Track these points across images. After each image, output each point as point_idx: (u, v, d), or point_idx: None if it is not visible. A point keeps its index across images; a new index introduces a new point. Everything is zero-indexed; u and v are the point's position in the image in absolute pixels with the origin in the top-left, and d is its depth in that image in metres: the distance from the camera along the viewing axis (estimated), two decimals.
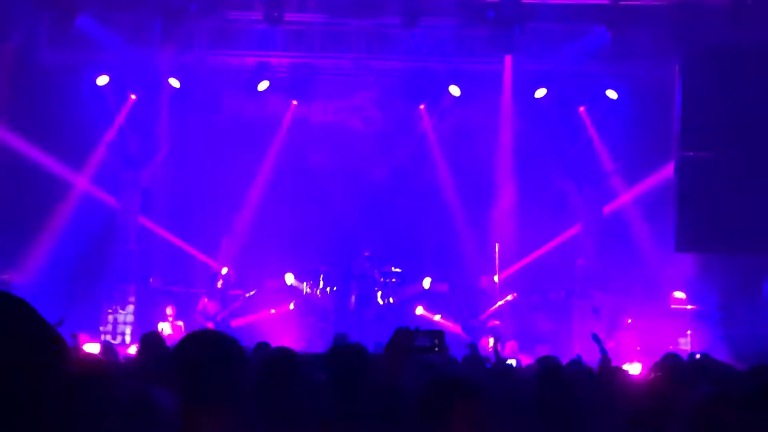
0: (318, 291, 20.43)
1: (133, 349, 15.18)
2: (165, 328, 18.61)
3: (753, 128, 18.56)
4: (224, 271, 20.70)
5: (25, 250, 19.95)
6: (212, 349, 3.59)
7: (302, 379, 5.33)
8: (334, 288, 20.30)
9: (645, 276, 19.71)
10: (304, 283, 20.56)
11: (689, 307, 19.27)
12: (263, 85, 21.15)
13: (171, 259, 21.59)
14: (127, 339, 19.98)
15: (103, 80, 20.56)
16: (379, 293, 20.38)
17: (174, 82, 20.84)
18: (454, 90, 20.96)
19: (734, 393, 4.77)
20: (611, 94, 20.62)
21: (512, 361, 11.78)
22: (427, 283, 20.70)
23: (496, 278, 20.32)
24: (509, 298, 20.05)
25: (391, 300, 20.36)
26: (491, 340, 16.76)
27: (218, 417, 3.48)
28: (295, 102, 21.75)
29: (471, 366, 9.85)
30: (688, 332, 18.90)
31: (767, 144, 18.68)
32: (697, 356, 12.22)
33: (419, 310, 20.42)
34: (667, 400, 6.51)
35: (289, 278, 20.60)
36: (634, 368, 13.58)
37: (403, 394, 5.21)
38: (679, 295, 19.46)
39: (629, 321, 19.53)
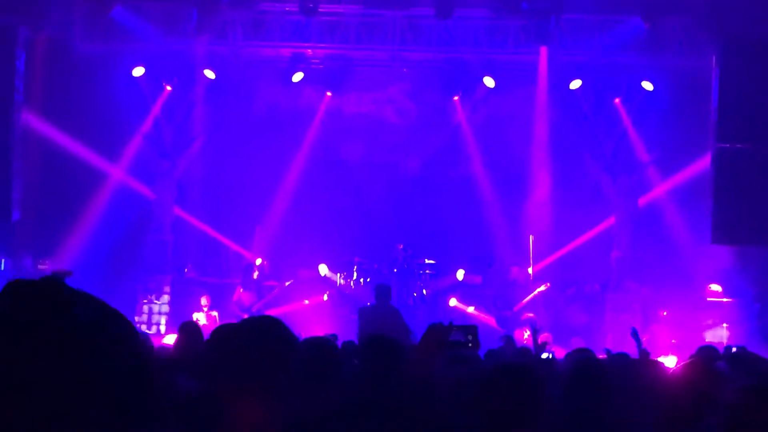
0: (351, 282, 20.45)
1: (169, 339, 15.28)
2: (200, 318, 18.69)
3: None
4: (258, 261, 20.76)
5: (61, 240, 20.10)
6: (270, 334, 3.59)
7: (340, 367, 5.34)
8: (368, 279, 20.31)
9: (680, 268, 19.59)
10: (338, 274, 20.59)
11: (725, 299, 19.15)
12: (298, 77, 21.18)
13: (206, 249, 21.71)
14: (162, 329, 20.10)
15: (138, 71, 20.66)
16: (415, 285, 20.38)
17: (209, 74, 20.91)
18: (489, 81, 20.91)
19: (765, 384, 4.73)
20: (647, 85, 20.50)
21: (547, 355, 11.73)
22: (460, 274, 20.69)
23: (530, 270, 20.27)
24: (542, 288, 20.00)
25: (424, 292, 20.36)
26: (526, 333, 16.74)
27: (264, 403, 3.48)
28: (329, 93, 21.77)
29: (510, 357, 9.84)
30: (725, 325, 18.78)
31: None
32: (734, 349, 12.17)
33: (452, 302, 20.40)
34: (704, 393, 6.47)
35: (323, 269, 20.63)
36: (669, 361, 13.53)
37: (437, 387, 5.21)
38: (715, 287, 19.35)
39: (664, 313, 19.45)
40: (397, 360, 5.64)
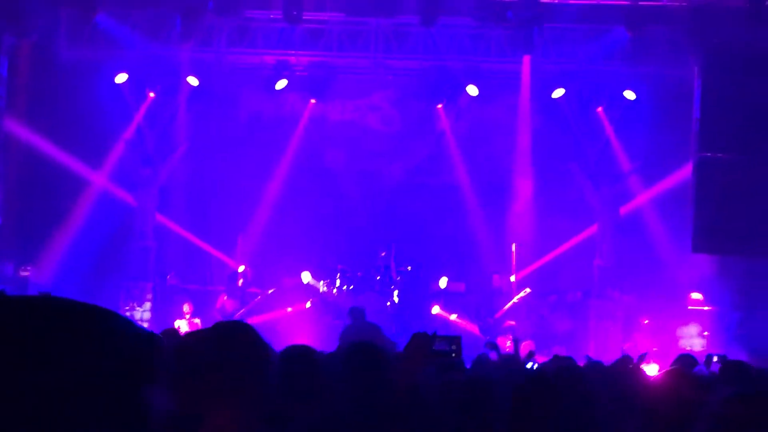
0: (335, 290, 20.42)
1: None
2: (182, 325, 18.63)
3: None
4: (241, 269, 20.73)
5: (43, 246, 20.05)
6: (239, 341, 3.52)
7: (321, 376, 5.31)
8: (351, 287, 20.30)
9: (662, 276, 19.66)
10: (321, 282, 20.56)
11: (706, 308, 19.22)
12: (281, 84, 21.18)
13: (188, 256, 21.65)
14: None
15: (122, 78, 20.63)
16: (396, 292, 20.36)
17: (192, 81, 20.88)
18: (472, 89, 20.94)
19: (756, 392, 4.76)
20: (629, 94, 20.57)
21: (531, 364, 11.76)
22: (443, 282, 20.69)
23: (512, 278, 20.29)
24: (523, 294, 20.01)
25: (396, 299, 20.29)
26: (508, 341, 16.76)
27: (237, 415, 3.40)
28: (313, 100, 21.77)
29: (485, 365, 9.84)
30: (706, 333, 18.85)
31: None
32: (715, 358, 12.21)
33: (435, 310, 20.39)
34: (687, 400, 6.49)
35: (306, 277, 20.61)
36: (650, 369, 13.55)
37: (422, 395, 5.21)
38: (696, 296, 19.41)
39: (646, 322, 19.50)
40: (383, 368, 5.62)
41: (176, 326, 18.07)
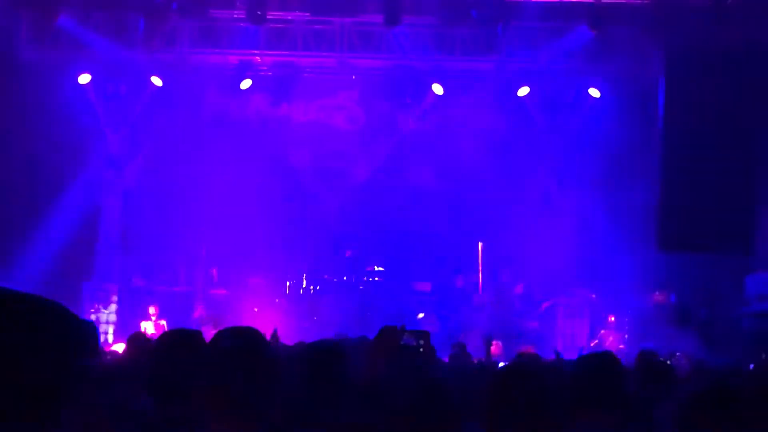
0: (301, 290, 20.39)
1: (117, 348, 15.13)
2: (148, 327, 18.57)
3: (735, 128, 18.62)
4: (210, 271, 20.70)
5: (7, 248, 19.89)
6: (251, 350, 3.44)
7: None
8: (318, 287, 20.27)
9: (628, 274, 19.72)
10: (287, 282, 20.52)
11: (671, 305, 19.30)
12: (246, 84, 21.13)
13: (153, 258, 21.52)
14: (110, 338, 19.92)
15: (85, 78, 20.51)
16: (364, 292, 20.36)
17: (156, 81, 20.79)
18: (437, 88, 20.96)
19: (719, 389, 4.77)
20: (594, 92, 20.68)
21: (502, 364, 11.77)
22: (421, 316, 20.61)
23: (479, 277, 20.33)
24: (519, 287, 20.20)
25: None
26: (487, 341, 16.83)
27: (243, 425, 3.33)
28: (278, 100, 21.71)
29: (458, 365, 9.85)
30: (668, 331, 18.93)
31: (749, 144, 18.75)
32: (678, 354, 12.30)
33: (421, 316, 20.37)
34: (648, 398, 6.52)
35: None
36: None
37: (387, 391, 5.18)
38: (661, 293, 19.50)
39: (612, 319, 19.59)
40: (341, 364, 5.58)
41: (143, 328, 18.03)
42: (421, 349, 5.76)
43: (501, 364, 10.84)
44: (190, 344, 4.66)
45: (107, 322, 20.45)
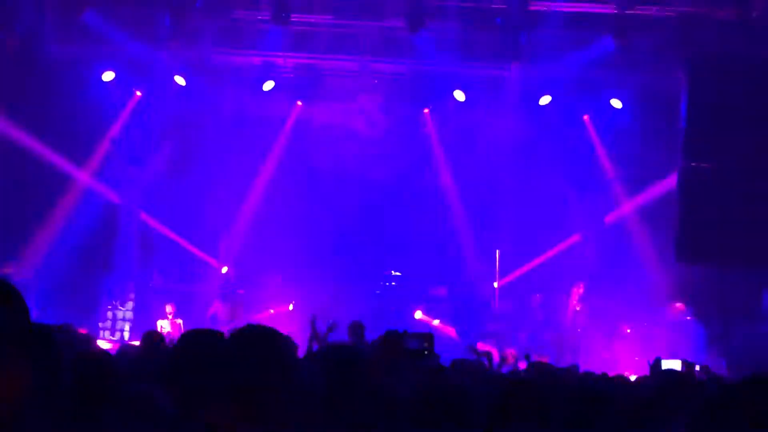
0: (317, 291, 20.36)
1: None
2: (164, 325, 18.60)
3: (757, 140, 18.53)
4: (224, 270, 20.69)
5: (26, 244, 19.95)
6: (271, 350, 3.44)
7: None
8: (334, 289, 20.25)
9: (645, 285, 19.66)
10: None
11: (688, 318, 19.24)
12: (268, 85, 21.14)
13: (172, 256, 21.58)
14: (126, 336, 19.97)
15: (108, 76, 20.58)
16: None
17: (179, 80, 20.83)
18: (459, 95, 20.95)
19: (732, 400, 4.75)
20: (616, 103, 20.64)
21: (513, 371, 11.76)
22: (418, 315, 20.63)
23: (495, 284, 20.30)
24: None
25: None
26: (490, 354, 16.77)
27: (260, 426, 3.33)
28: (299, 102, 21.75)
29: (468, 371, 9.82)
30: (687, 343, 18.86)
31: None
32: (697, 368, 12.24)
33: (418, 314, 20.39)
34: (662, 409, 6.50)
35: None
36: (632, 378, 13.55)
37: (393, 394, 5.18)
38: (678, 306, 19.43)
39: (628, 330, 19.52)
40: (359, 368, 5.57)
41: (159, 326, 18.07)
42: (426, 352, 5.76)
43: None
44: (211, 343, 4.67)
45: (124, 319, 20.52)
